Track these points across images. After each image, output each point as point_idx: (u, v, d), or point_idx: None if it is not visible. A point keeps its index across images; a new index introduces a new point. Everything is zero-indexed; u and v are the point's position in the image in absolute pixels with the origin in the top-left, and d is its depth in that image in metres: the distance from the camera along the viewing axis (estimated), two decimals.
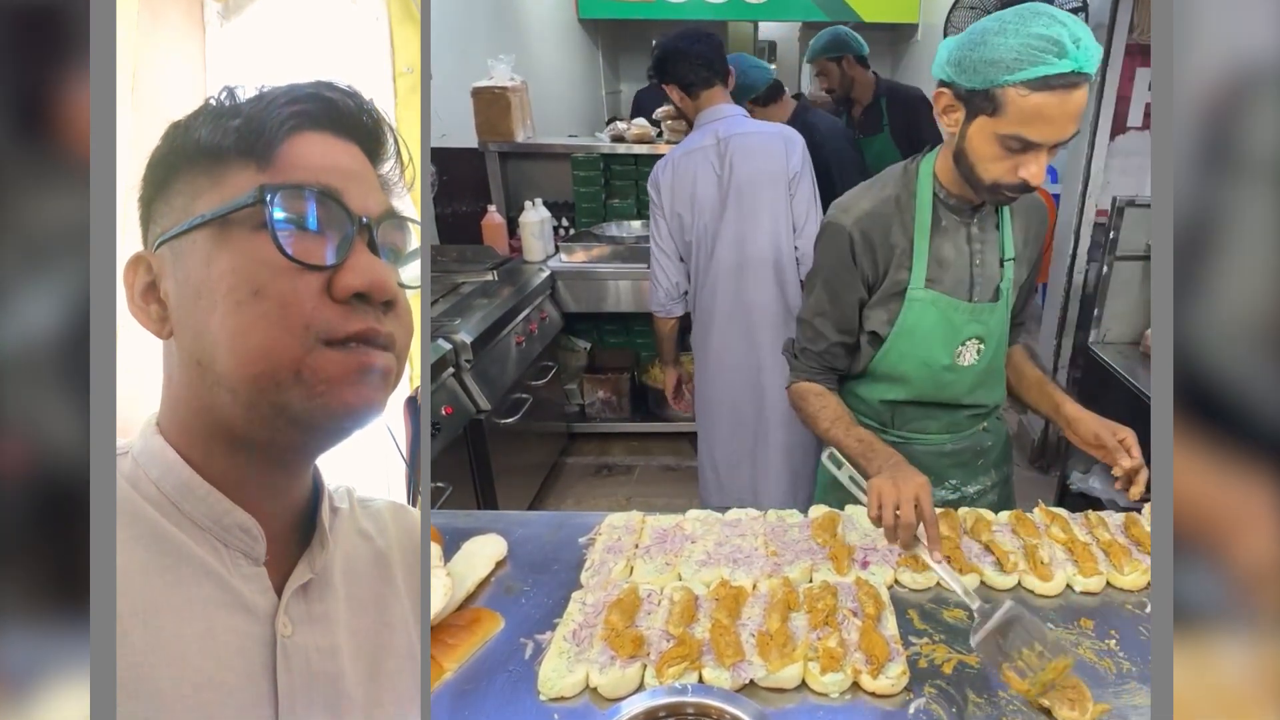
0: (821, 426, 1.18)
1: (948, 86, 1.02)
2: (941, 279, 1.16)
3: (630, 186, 3.20)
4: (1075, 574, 1.03)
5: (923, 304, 1.16)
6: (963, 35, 1.01)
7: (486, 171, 3.13)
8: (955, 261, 1.16)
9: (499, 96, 3.01)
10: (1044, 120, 0.95)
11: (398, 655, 0.63)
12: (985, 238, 1.17)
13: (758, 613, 0.95)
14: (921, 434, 1.29)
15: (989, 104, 0.97)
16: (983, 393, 1.26)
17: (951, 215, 1.15)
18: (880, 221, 1.14)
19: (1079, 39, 0.92)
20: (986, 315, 1.18)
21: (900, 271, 1.16)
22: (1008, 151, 0.99)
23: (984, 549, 1.09)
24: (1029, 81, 0.93)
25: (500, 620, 0.98)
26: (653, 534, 1.14)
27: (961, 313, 1.17)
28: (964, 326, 1.18)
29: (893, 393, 1.25)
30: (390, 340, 0.53)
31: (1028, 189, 1.03)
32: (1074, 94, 0.94)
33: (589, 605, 0.97)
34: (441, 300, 2.39)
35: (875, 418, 1.30)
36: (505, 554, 1.11)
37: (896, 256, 1.15)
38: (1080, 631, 0.96)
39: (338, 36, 1.48)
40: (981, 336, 1.19)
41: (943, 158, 1.13)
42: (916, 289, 1.15)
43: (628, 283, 2.88)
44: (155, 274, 0.53)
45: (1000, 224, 1.18)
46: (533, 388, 2.50)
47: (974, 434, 1.32)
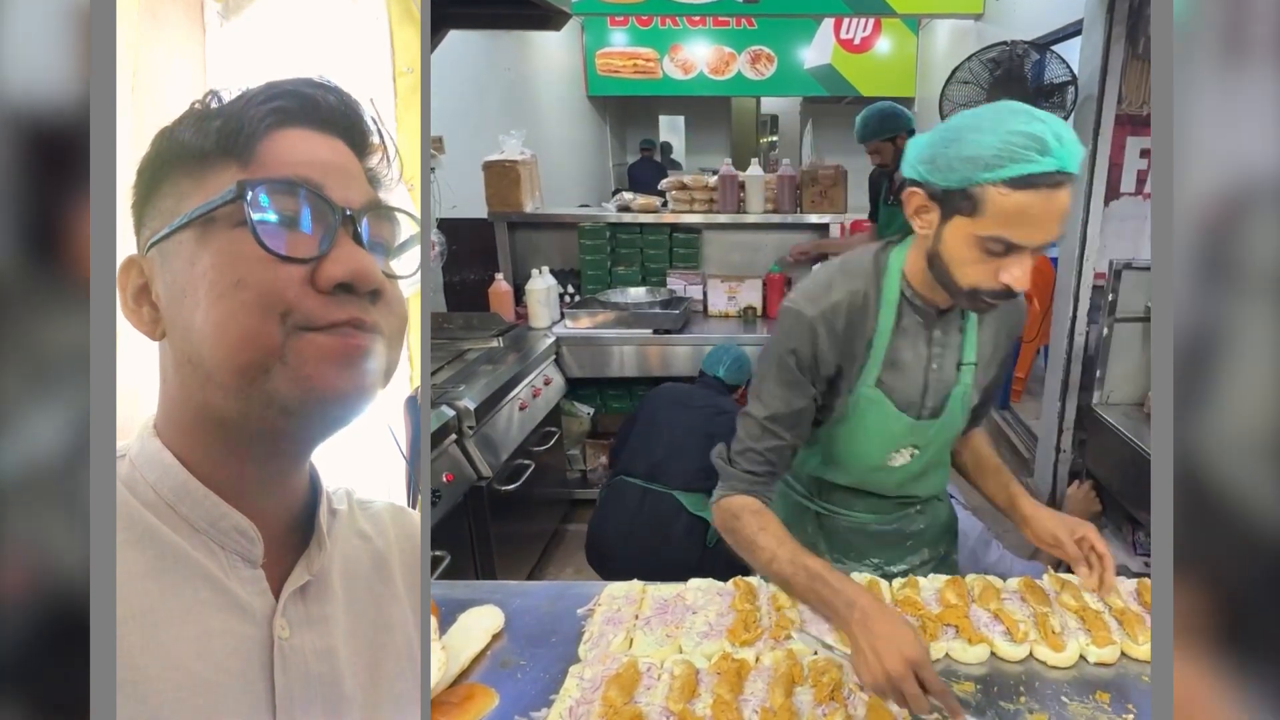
0: (761, 558, 1.01)
1: (920, 186, 0.96)
2: (893, 382, 1.09)
3: (635, 254, 3.27)
4: (1088, 644, 1.00)
5: (867, 402, 1.10)
6: (934, 133, 0.96)
7: (495, 241, 3.21)
8: (911, 365, 1.09)
9: (509, 169, 3.11)
10: (1028, 221, 0.89)
11: (396, 657, 0.62)
12: (947, 342, 1.10)
13: (761, 688, 0.92)
14: (845, 510, 1.24)
15: (967, 204, 0.91)
16: (915, 487, 1.22)
17: (915, 317, 1.08)
18: (848, 315, 1.06)
19: (1061, 136, 0.87)
20: (926, 428, 1.13)
21: (853, 368, 1.09)
22: (988, 255, 0.92)
23: (993, 617, 1.06)
24: (1011, 180, 0.87)
25: (495, 697, 0.95)
26: (653, 604, 1.11)
27: (900, 424, 1.11)
28: (901, 436, 1.13)
29: (822, 472, 1.22)
30: (377, 329, 0.52)
31: (1010, 295, 0.95)
32: (1058, 193, 0.88)
33: (586, 680, 0.95)
34: (446, 367, 2.41)
35: (802, 487, 1.27)
36: (502, 626, 1.08)
37: (856, 353, 1.08)
38: (1096, 706, 0.92)
39: (338, 36, 1.48)
40: (918, 445, 1.15)
41: (913, 257, 1.05)
42: (866, 386, 1.09)
43: (631, 348, 2.91)
44: (147, 276, 0.54)
45: (965, 326, 1.11)
46: (534, 454, 2.49)
47: (903, 516, 1.26)
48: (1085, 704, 0.92)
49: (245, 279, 0.49)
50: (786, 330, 1.07)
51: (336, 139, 0.56)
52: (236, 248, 0.50)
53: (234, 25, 1.56)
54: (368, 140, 0.58)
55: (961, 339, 1.11)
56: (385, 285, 0.54)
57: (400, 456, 1.35)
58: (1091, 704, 0.92)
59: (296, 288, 0.50)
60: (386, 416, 1.36)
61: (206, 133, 0.53)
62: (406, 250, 0.58)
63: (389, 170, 0.60)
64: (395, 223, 0.57)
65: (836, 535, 1.27)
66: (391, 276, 0.55)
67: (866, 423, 1.11)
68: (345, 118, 0.56)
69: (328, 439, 0.56)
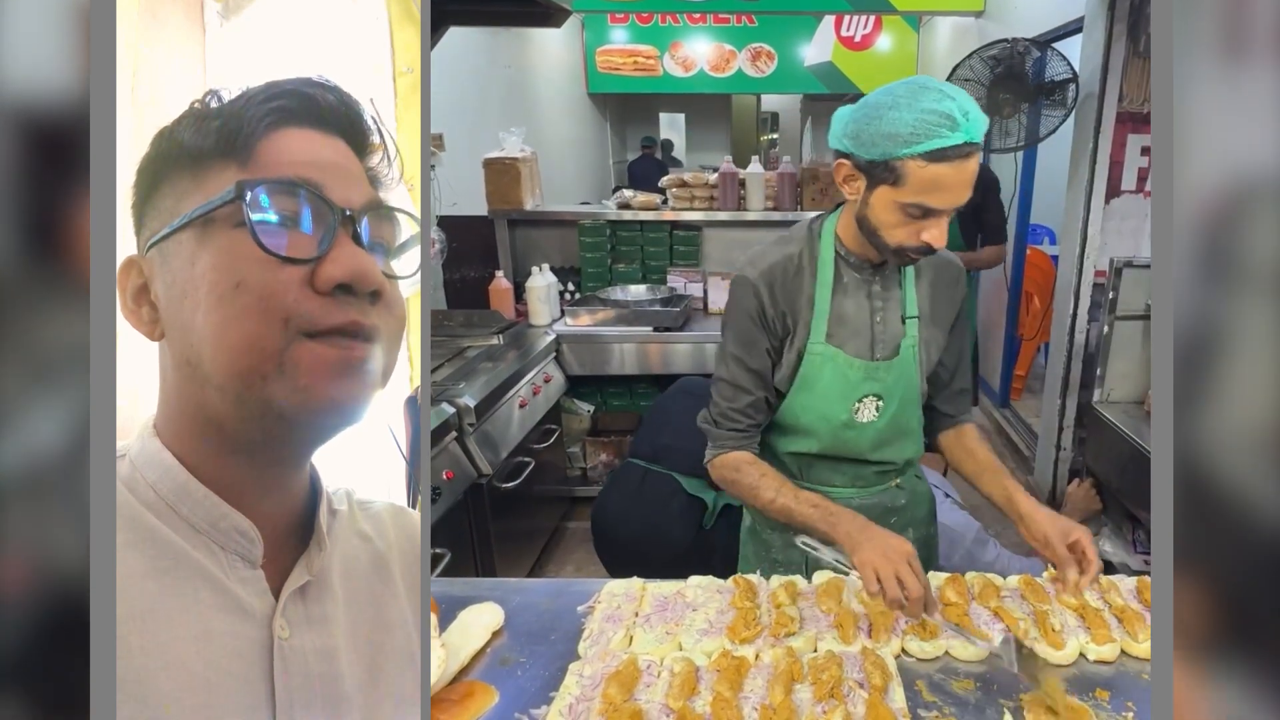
0: (765, 497, 1.16)
1: (846, 157, 1.06)
2: (841, 335, 1.18)
3: (636, 252, 3.26)
4: (1088, 641, 1.00)
5: (821, 358, 1.18)
6: (856, 108, 1.05)
7: (495, 238, 3.21)
8: (856, 318, 1.18)
9: (509, 167, 3.11)
10: (942, 189, 1.00)
11: (396, 657, 0.62)
12: (887, 295, 1.19)
13: (760, 685, 0.93)
14: (828, 486, 1.28)
15: (889, 175, 1.01)
16: (889, 450, 1.25)
17: (853, 273, 1.18)
18: (785, 275, 1.17)
19: (968, 112, 0.97)
20: (883, 373, 1.19)
21: (801, 327, 1.18)
22: (909, 218, 1.03)
23: (993, 615, 1.06)
24: (927, 154, 0.98)
25: (495, 694, 0.95)
26: (653, 602, 1.11)
27: (856, 370, 1.18)
28: (859, 384, 1.19)
29: (798, 445, 1.25)
30: (376, 332, 0.52)
31: (930, 251, 1.07)
32: (968, 163, 0.99)
33: (586, 678, 0.95)
34: (446, 364, 2.41)
35: (783, 469, 1.30)
36: (502, 623, 1.08)
37: (800, 311, 1.18)
38: (1096, 703, 0.92)
39: (338, 36, 1.48)
40: (879, 394, 1.20)
41: (845, 219, 1.16)
42: (816, 343, 1.17)
43: (631, 345, 2.90)
44: (146, 277, 0.54)
45: (903, 283, 1.20)
46: (535, 451, 2.49)
47: (884, 490, 1.30)
48: (1085, 700, 0.92)
49: (245, 282, 0.49)
50: (736, 297, 1.20)
51: (337, 138, 0.56)
52: (236, 249, 0.49)
53: (234, 25, 1.55)
54: (368, 139, 0.58)
55: (902, 294, 1.20)
56: (385, 286, 0.53)
57: (400, 456, 1.35)
58: (1091, 702, 0.92)
59: (296, 290, 0.49)
60: (386, 416, 1.36)
61: (206, 132, 0.53)
62: (407, 250, 0.57)
63: (389, 170, 0.59)
64: (396, 223, 0.57)
65: None
66: (391, 277, 0.55)
67: (825, 376, 1.19)
68: (345, 117, 0.56)
69: (326, 443, 0.55)
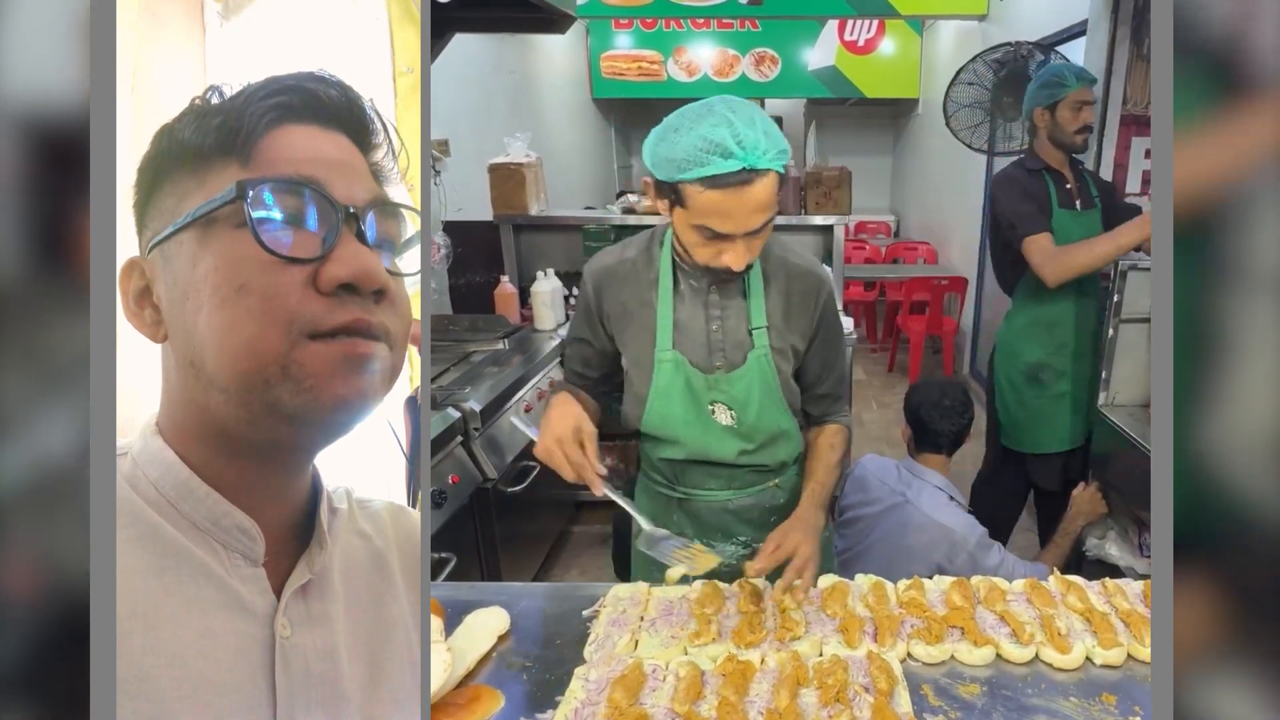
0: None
1: (650, 175, 1.06)
2: (683, 342, 1.19)
3: None
4: (1095, 646, 1.00)
5: (672, 365, 1.19)
6: (659, 126, 1.03)
7: (500, 243, 3.22)
8: (692, 326, 1.18)
9: (514, 172, 3.12)
10: (723, 214, 0.98)
11: (397, 656, 0.62)
12: (726, 305, 1.18)
13: (766, 689, 0.92)
14: (703, 490, 1.28)
15: (676, 196, 1.01)
16: (761, 454, 1.25)
17: (690, 282, 1.18)
18: (613, 279, 1.20)
19: (742, 139, 0.94)
20: (726, 385, 1.19)
21: (633, 330, 1.20)
22: (705, 239, 1.02)
23: (998, 619, 1.05)
24: (701, 180, 0.96)
25: (501, 698, 0.95)
26: (659, 606, 1.11)
27: (699, 379, 1.19)
28: (705, 392, 1.20)
29: (666, 451, 1.26)
30: (382, 330, 0.52)
31: (731, 273, 1.05)
32: (748, 190, 0.96)
33: (592, 682, 0.95)
34: (452, 369, 2.41)
35: (660, 475, 1.30)
36: (508, 627, 1.09)
37: (631, 314, 1.20)
38: (1103, 708, 0.92)
39: (338, 36, 1.48)
40: (728, 403, 1.20)
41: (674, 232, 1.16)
42: (664, 350, 1.19)
43: None
44: (148, 278, 0.54)
45: (748, 293, 1.17)
46: None
47: (762, 491, 1.30)
48: (1092, 704, 0.92)
49: (248, 283, 0.48)
50: (581, 283, 1.26)
51: (339, 134, 0.55)
52: (238, 249, 0.49)
53: (234, 25, 1.56)
54: (371, 134, 0.57)
55: (747, 304, 1.18)
56: (390, 284, 0.53)
57: (401, 456, 1.35)
58: (1098, 705, 0.92)
59: (299, 291, 0.49)
60: (387, 416, 1.37)
61: (207, 130, 0.52)
62: (412, 247, 0.57)
63: (394, 164, 0.59)
64: (401, 219, 0.56)
65: (700, 517, 1.31)
66: (397, 274, 0.55)
67: (678, 383, 1.20)
68: (348, 111, 0.55)
69: (330, 445, 0.55)
